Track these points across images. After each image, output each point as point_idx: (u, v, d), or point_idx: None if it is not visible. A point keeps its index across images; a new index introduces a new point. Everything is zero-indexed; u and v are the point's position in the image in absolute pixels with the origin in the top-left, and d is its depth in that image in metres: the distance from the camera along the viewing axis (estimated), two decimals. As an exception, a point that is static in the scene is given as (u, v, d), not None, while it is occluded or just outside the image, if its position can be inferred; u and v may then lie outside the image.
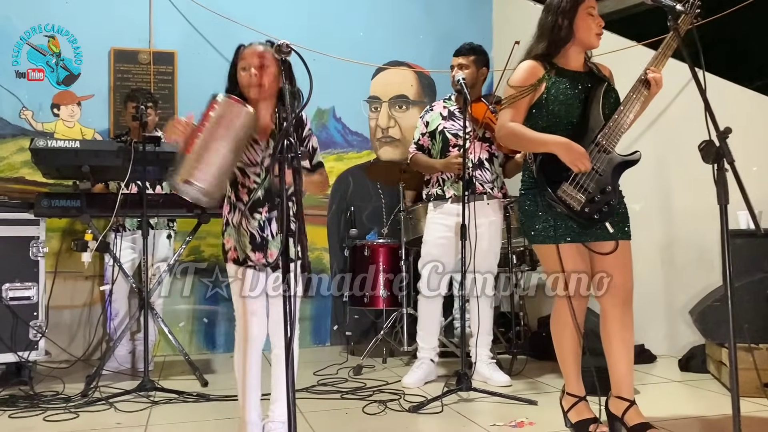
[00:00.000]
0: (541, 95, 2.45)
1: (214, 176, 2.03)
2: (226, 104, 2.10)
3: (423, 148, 3.64)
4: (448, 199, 3.50)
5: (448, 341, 4.00)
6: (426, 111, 3.70)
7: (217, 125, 2.06)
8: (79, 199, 3.35)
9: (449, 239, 3.49)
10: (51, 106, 4.42)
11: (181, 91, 4.64)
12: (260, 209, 2.34)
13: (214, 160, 2.03)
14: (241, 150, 2.21)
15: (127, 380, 3.61)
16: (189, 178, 2.00)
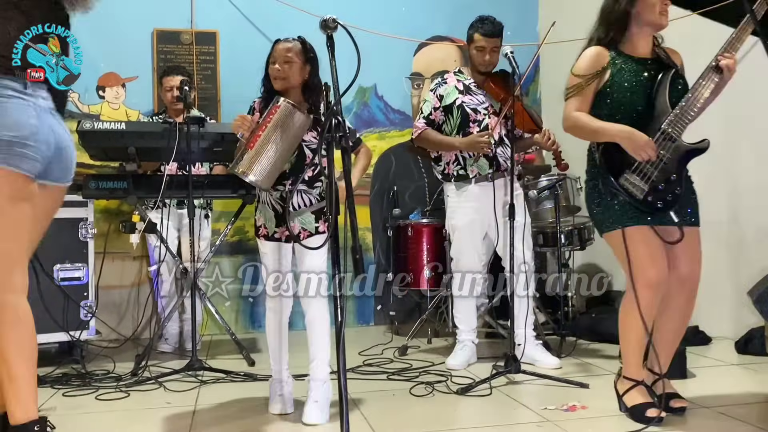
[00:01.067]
0: (606, 83, 2.42)
1: (268, 172, 2.39)
2: (285, 110, 2.40)
3: (434, 124, 3.50)
4: (471, 179, 3.41)
5: (494, 322, 3.94)
6: (438, 84, 3.54)
7: (276, 127, 2.38)
8: (125, 180, 3.37)
9: (477, 221, 3.41)
10: (96, 88, 4.46)
11: (224, 70, 4.63)
12: (284, 182, 2.55)
13: (270, 158, 2.37)
14: (293, 149, 2.50)
15: (175, 359, 3.66)
16: (247, 171, 2.37)
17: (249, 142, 2.39)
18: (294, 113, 2.41)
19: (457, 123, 3.42)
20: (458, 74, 3.53)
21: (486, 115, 3.38)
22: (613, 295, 4.49)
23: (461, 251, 3.45)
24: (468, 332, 3.46)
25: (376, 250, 4.85)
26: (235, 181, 3.56)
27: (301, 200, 2.59)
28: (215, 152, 3.52)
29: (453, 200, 3.48)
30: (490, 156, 3.35)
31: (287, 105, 2.41)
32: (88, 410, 2.76)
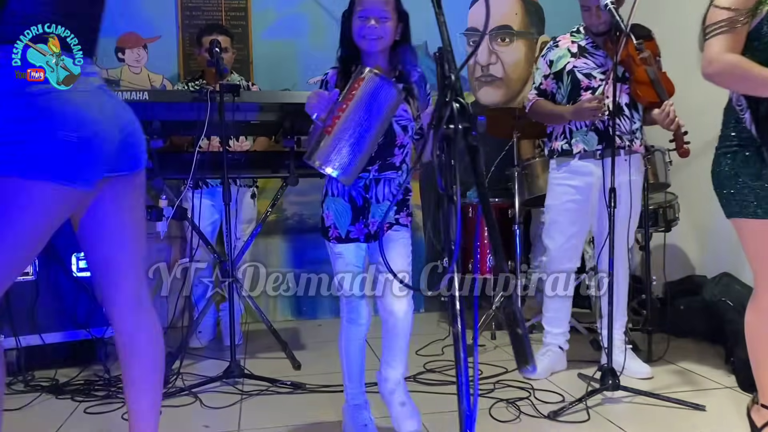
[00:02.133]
0: (761, 22, 1.83)
1: (352, 162, 1.88)
2: (373, 82, 1.87)
3: (546, 94, 2.98)
4: (575, 155, 2.87)
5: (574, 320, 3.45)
6: (549, 48, 3.00)
7: (361, 106, 1.86)
8: (150, 159, 2.89)
9: (579, 203, 2.89)
10: (115, 50, 3.97)
11: (256, 27, 4.10)
12: (368, 167, 2.05)
13: (354, 146, 1.86)
14: (383, 132, 1.97)
15: (211, 359, 3.26)
16: (324, 163, 1.87)
17: (327, 125, 1.88)
18: (383, 87, 1.87)
19: (567, 91, 2.89)
20: (575, 34, 2.95)
21: (604, 80, 2.81)
22: (697, 280, 3.98)
23: (552, 237, 2.95)
24: (556, 335, 2.98)
25: (426, 229, 4.37)
26: (276, 158, 3.09)
27: (387, 190, 2.12)
28: (254, 126, 3.03)
29: (553, 176, 2.97)
30: (601, 129, 2.81)
31: (374, 77, 1.87)
32: (114, 436, 2.36)
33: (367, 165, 2.03)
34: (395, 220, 2.15)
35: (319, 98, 1.93)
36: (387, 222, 2.14)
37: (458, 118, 1.17)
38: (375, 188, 2.10)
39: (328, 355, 3.21)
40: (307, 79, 4.11)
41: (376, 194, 2.11)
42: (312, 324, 4.08)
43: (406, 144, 2.13)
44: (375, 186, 2.10)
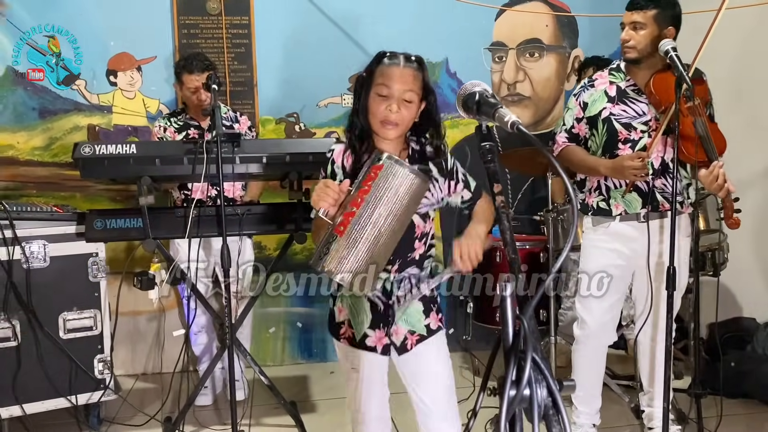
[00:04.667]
0: None
1: (369, 270, 1.56)
2: (394, 171, 1.56)
3: (577, 139, 2.60)
4: (615, 216, 2.51)
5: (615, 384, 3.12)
6: (583, 87, 2.60)
7: (379, 200, 1.55)
8: (140, 217, 2.57)
9: (620, 269, 2.53)
10: (106, 73, 3.61)
11: (260, 47, 3.72)
12: (387, 267, 1.75)
13: (372, 250, 1.55)
14: (404, 228, 1.62)
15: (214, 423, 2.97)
16: (335, 271, 1.54)
17: (337, 224, 1.56)
18: (406, 176, 1.55)
19: (603, 141, 2.50)
20: (614, 73, 2.54)
21: (646, 132, 2.43)
22: (745, 324, 3.64)
23: (589, 308, 2.58)
24: (589, 415, 2.65)
25: (448, 261, 4.02)
26: (281, 211, 2.75)
27: (410, 287, 1.81)
28: (255, 175, 2.69)
29: (589, 238, 2.60)
30: (644, 190, 2.44)
31: (394, 165, 1.55)
32: None
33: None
34: (424, 327, 1.83)
35: (327, 191, 1.60)
36: (412, 332, 1.82)
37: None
38: (396, 290, 1.80)
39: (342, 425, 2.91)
40: (316, 102, 3.80)
41: (398, 296, 1.80)
42: (323, 369, 3.77)
43: (428, 232, 1.84)
44: (396, 287, 1.80)
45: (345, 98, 3.80)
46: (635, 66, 2.46)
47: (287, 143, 2.90)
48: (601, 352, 2.63)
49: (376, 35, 3.58)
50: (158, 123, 3.25)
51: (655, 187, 2.43)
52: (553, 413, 0.83)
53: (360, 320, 1.82)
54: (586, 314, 2.59)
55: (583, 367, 2.64)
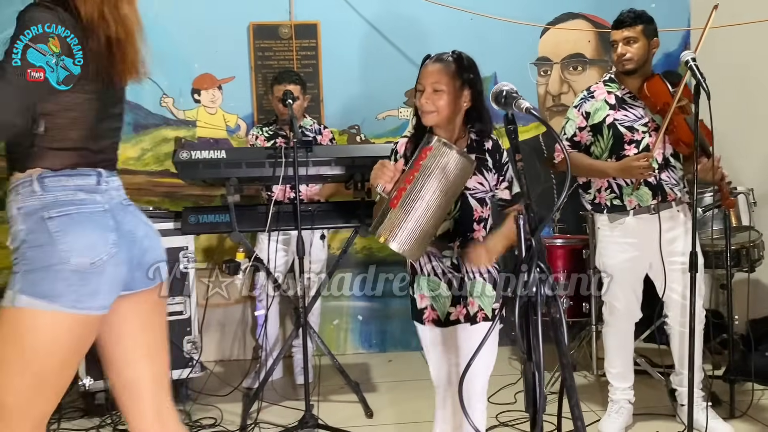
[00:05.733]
0: None
1: (418, 238, 1.79)
2: (441, 151, 1.79)
3: (579, 146, 2.87)
4: (629, 211, 2.78)
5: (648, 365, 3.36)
6: (582, 99, 2.87)
7: (429, 177, 1.78)
8: (227, 213, 2.98)
9: (637, 259, 2.81)
10: (191, 91, 4.10)
11: (326, 66, 4.14)
12: (450, 244, 2.00)
13: (421, 220, 1.78)
14: (451, 204, 1.88)
15: (285, 401, 3.34)
16: (389, 239, 1.78)
17: (392, 198, 1.81)
18: (452, 157, 1.78)
19: (608, 145, 2.78)
20: (609, 84, 2.85)
21: (646, 132, 2.73)
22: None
23: (616, 296, 2.87)
24: (624, 390, 2.91)
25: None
26: (346, 209, 3.13)
27: (474, 267, 1.99)
28: (326, 177, 3.08)
29: (605, 234, 2.87)
30: (653, 183, 2.73)
31: (442, 146, 1.79)
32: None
33: (448, 241, 1.99)
34: (492, 310, 2.00)
35: (383, 170, 1.87)
36: (484, 310, 2.00)
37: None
38: (464, 265, 2.00)
39: (400, 402, 3.24)
40: (375, 115, 4.19)
41: (467, 270, 2.00)
42: (382, 358, 4.12)
43: (486, 217, 2.04)
44: (463, 263, 2.00)
45: (401, 111, 4.18)
46: (629, 76, 2.76)
47: (352, 149, 3.27)
48: (629, 332, 2.89)
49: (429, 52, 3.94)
50: (252, 132, 3.68)
51: (661, 179, 2.71)
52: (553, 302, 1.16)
53: (443, 302, 2.02)
54: (615, 302, 2.87)
55: (614, 346, 2.91)
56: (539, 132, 4.32)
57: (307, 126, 3.66)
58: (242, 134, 4.10)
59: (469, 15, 4.13)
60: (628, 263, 2.81)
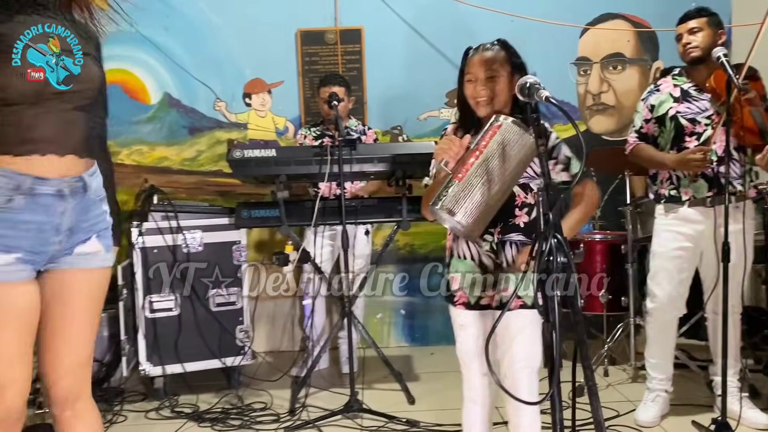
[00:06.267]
0: None
1: (480, 213, 1.76)
2: (510, 131, 1.78)
3: (647, 137, 2.96)
4: (684, 202, 2.84)
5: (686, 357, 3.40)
6: (649, 92, 2.97)
7: (495, 154, 1.77)
8: (277, 208, 3.17)
9: (687, 250, 2.85)
10: (243, 95, 4.32)
11: (370, 69, 4.31)
12: (491, 229, 1.96)
13: (484, 195, 1.75)
14: (515, 184, 1.89)
15: (333, 388, 3.51)
16: (453, 209, 1.74)
17: (457, 172, 1.78)
18: (521, 136, 1.78)
19: (670, 136, 2.86)
20: (677, 77, 2.92)
21: (709, 125, 2.78)
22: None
23: (659, 284, 2.91)
24: (662, 380, 2.97)
25: (537, 258, 4.41)
26: (389, 204, 3.28)
27: (515, 252, 1.97)
28: (369, 173, 3.24)
29: (660, 222, 2.94)
30: (710, 176, 2.77)
31: (512, 125, 1.79)
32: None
33: (489, 227, 1.93)
34: (530, 297, 1.94)
35: (450, 144, 1.84)
36: (519, 296, 1.95)
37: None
38: (503, 251, 1.98)
39: (441, 390, 3.37)
40: (417, 116, 4.33)
41: (506, 257, 1.97)
42: (424, 351, 4.24)
43: (529, 203, 1.98)
44: (502, 249, 1.98)
45: (442, 111, 4.31)
46: (696, 67, 2.82)
47: (394, 146, 3.43)
48: (671, 324, 2.93)
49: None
50: (300, 132, 3.88)
51: (719, 173, 2.73)
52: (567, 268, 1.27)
53: (474, 286, 2.00)
54: (657, 289, 2.91)
55: (654, 337, 2.97)
56: (582, 130, 4.40)
57: (353, 127, 3.83)
58: (290, 136, 4.29)
59: (509, 17, 4.23)
60: (677, 252, 2.86)
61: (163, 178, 4.25)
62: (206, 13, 4.22)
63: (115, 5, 1.87)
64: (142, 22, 4.08)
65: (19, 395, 1.62)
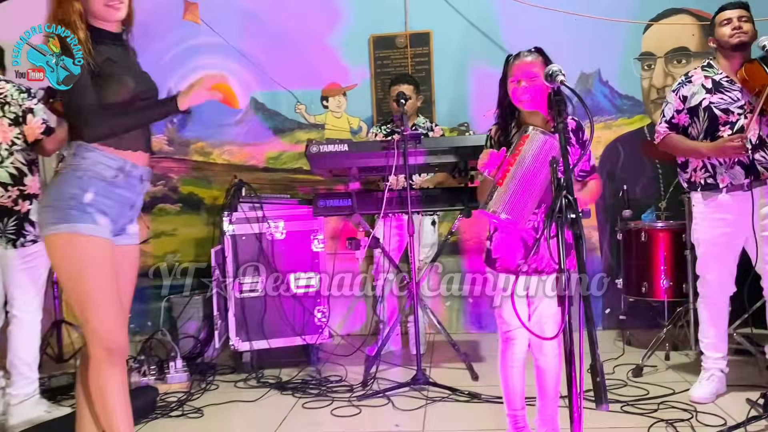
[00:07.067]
0: None
1: (520, 209, 2.13)
2: (536, 139, 2.13)
3: (677, 127, 3.07)
4: (722, 189, 2.94)
5: (746, 341, 3.46)
6: (680, 83, 3.08)
7: (526, 160, 2.12)
8: (350, 198, 3.49)
9: (730, 235, 2.96)
10: (320, 98, 4.68)
11: (437, 70, 4.58)
12: (536, 210, 2.24)
13: (522, 194, 2.11)
14: (548, 179, 2.14)
15: (400, 366, 3.78)
16: (497, 211, 2.12)
17: (497, 179, 2.14)
18: (547, 142, 2.10)
19: (704, 127, 2.98)
20: (707, 69, 3.05)
21: (742, 114, 2.90)
22: None
23: (708, 269, 3.04)
24: (717, 360, 3.07)
25: (603, 249, 4.54)
26: (452, 194, 3.53)
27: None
28: (433, 165, 3.51)
29: (700, 210, 3.05)
30: (746, 163, 2.89)
31: (538, 134, 2.12)
32: (326, 428, 2.94)
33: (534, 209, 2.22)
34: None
35: (489, 157, 2.21)
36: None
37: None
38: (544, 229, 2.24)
39: (504, 369, 3.58)
40: (483, 112, 4.55)
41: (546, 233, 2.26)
42: (492, 337, 4.43)
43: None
44: (543, 227, 2.19)
45: (508, 108, 4.52)
46: (732, 54, 2.94)
47: (456, 139, 3.69)
48: (722, 305, 3.04)
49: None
50: (372, 130, 4.23)
51: (755, 159, 2.85)
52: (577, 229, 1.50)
53: (514, 254, 2.31)
54: (706, 274, 3.04)
55: (707, 318, 3.08)
56: (644, 124, 4.50)
57: (420, 124, 4.10)
58: (363, 134, 4.62)
59: (573, 15, 4.39)
60: (721, 238, 2.97)
61: (250, 175, 4.64)
62: (288, 24, 4.62)
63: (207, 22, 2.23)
64: (232, 35, 4.53)
65: (125, 334, 2.04)
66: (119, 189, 2.02)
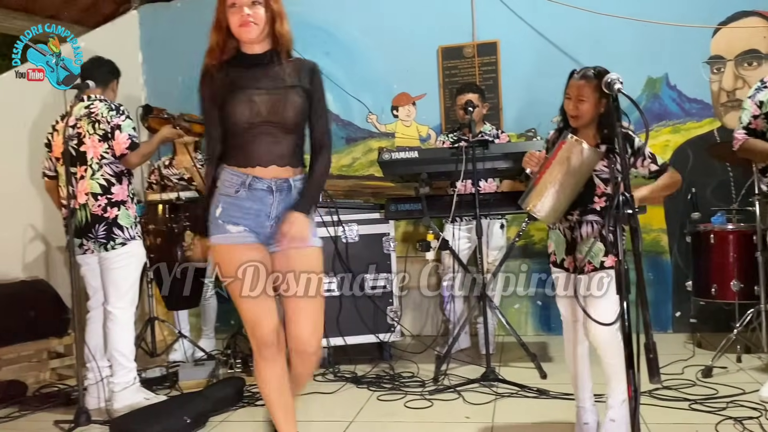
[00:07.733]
0: None
1: (553, 208, 2.39)
2: (570, 146, 2.34)
3: (755, 133, 3.10)
4: None
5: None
6: (757, 89, 3.11)
7: (562, 164, 2.34)
8: (419, 202, 3.66)
9: None
10: (391, 108, 4.89)
11: (505, 78, 4.71)
12: (573, 211, 2.48)
13: (555, 194, 2.36)
14: (581, 184, 2.42)
15: (470, 365, 3.91)
16: (532, 207, 2.41)
17: (536, 177, 2.40)
18: (581, 150, 2.32)
19: None
20: None
21: None
22: None
23: None
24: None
25: (672, 252, 4.54)
26: (518, 197, 3.65)
27: (590, 230, 2.47)
28: (499, 171, 3.64)
29: None
30: None
31: (572, 141, 2.34)
32: (400, 418, 3.12)
33: (570, 209, 2.45)
34: (600, 262, 2.43)
35: (530, 157, 2.52)
36: (592, 263, 2.44)
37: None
38: (579, 229, 2.48)
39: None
40: (550, 118, 4.64)
41: (581, 233, 2.48)
42: (560, 340, 4.50)
43: (609, 193, 2.44)
44: (579, 227, 2.48)
45: (575, 114, 4.60)
46: None
47: (522, 145, 3.80)
48: None
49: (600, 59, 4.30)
50: (440, 138, 4.41)
51: None
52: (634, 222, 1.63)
53: (560, 249, 2.55)
54: None
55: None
56: (713, 127, 4.49)
57: (486, 131, 4.25)
58: (432, 142, 4.79)
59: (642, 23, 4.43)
60: None
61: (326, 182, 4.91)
62: (359, 37, 4.86)
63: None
64: (308, 50, 4.78)
65: (268, 329, 2.24)
66: (244, 201, 2.20)
